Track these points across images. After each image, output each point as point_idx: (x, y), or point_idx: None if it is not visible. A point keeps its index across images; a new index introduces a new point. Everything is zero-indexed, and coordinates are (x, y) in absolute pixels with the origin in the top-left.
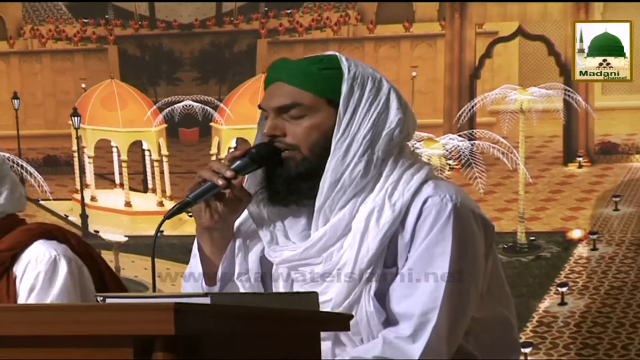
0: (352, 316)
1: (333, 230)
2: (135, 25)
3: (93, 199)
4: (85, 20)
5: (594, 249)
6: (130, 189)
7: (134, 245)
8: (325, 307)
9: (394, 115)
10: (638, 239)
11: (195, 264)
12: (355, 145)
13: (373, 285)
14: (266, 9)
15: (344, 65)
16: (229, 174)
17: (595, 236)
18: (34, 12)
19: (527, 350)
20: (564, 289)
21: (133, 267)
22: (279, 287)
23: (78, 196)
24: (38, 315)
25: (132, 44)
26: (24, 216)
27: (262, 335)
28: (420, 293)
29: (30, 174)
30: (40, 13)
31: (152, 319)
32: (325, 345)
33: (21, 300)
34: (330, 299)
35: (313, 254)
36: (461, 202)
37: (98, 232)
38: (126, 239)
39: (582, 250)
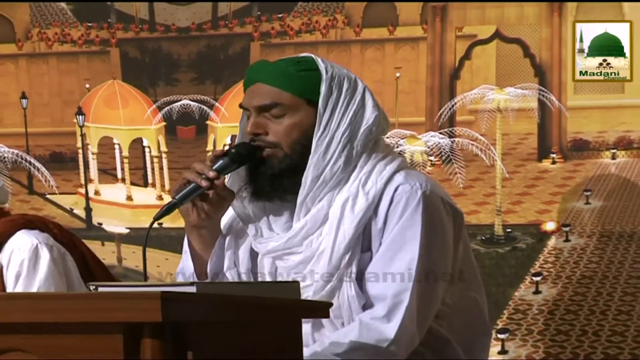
0: (331, 304)
1: (313, 220)
2: (136, 28)
3: (97, 193)
4: (89, 24)
5: (567, 240)
6: (132, 183)
7: (135, 236)
8: (306, 291)
9: (370, 113)
10: (608, 231)
11: (186, 260)
12: (334, 142)
13: (353, 269)
14: (259, 13)
15: (321, 66)
16: (211, 174)
17: (567, 228)
18: (41, 16)
19: (504, 336)
20: (538, 278)
21: (134, 257)
22: (265, 275)
23: (82, 190)
24: (32, 304)
25: (133, 47)
26: (36, 209)
27: (246, 322)
28: (392, 275)
29: (38, 170)
30: (47, 17)
31: (141, 307)
32: (305, 329)
33: (9, 286)
34: (311, 283)
35: (296, 243)
36: (430, 190)
37: (101, 224)
38: (128, 230)
39: (555, 241)
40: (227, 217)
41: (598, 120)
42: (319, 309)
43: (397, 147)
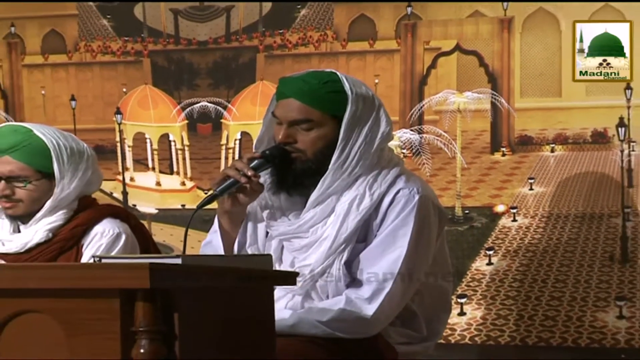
0: (297, 274)
1: (321, 212)
2: (164, 42)
3: (132, 179)
4: (126, 38)
5: (514, 220)
6: (160, 171)
7: (163, 216)
8: (305, 270)
9: (384, 127)
10: (548, 212)
11: (215, 237)
12: (352, 154)
13: (345, 255)
14: (264, 29)
15: (347, 87)
16: (250, 173)
17: (514, 210)
18: (87, 32)
19: (463, 300)
20: (491, 252)
21: (162, 233)
22: (271, 252)
23: (120, 177)
24: (45, 272)
25: (162, 57)
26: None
27: (225, 289)
28: (381, 265)
29: None
30: (91, 32)
31: (133, 275)
32: (296, 299)
33: (83, 261)
34: (310, 263)
35: (304, 229)
36: (425, 195)
37: (135, 205)
38: (157, 211)
39: (505, 221)
40: (250, 205)
41: (540, 119)
42: (288, 278)
43: None
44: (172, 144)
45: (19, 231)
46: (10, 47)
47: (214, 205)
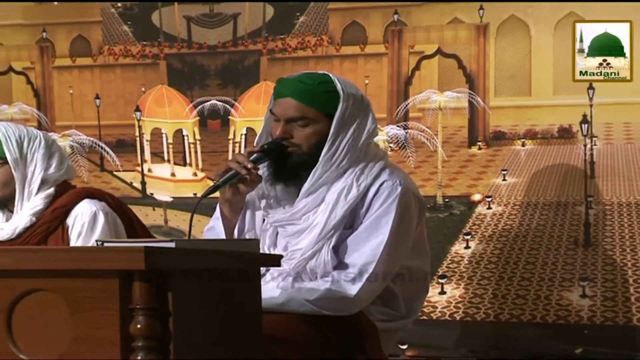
0: (281, 256)
1: (312, 201)
2: (178, 46)
3: (149, 170)
4: (145, 43)
5: (489, 208)
6: (174, 163)
7: (177, 203)
8: (296, 254)
9: (370, 124)
10: (519, 200)
11: (217, 223)
12: (340, 149)
13: (333, 241)
14: (267, 35)
15: (339, 87)
16: (250, 165)
17: (490, 199)
18: (110, 37)
19: (443, 280)
20: (468, 237)
21: (176, 219)
22: (266, 238)
23: (139, 168)
24: (53, 255)
25: (176, 60)
26: (106, 183)
27: (216, 270)
28: (365, 249)
29: (107, 153)
30: (114, 37)
31: (130, 257)
32: (288, 280)
33: (72, 243)
34: (301, 248)
35: (297, 217)
36: (407, 187)
37: (153, 194)
38: (172, 199)
39: (481, 209)
40: (249, 194)
41: (512, 117)
42: (272, 260)
43: None
44: (185, 138)
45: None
46: (42, 51)
47: (218, 194)
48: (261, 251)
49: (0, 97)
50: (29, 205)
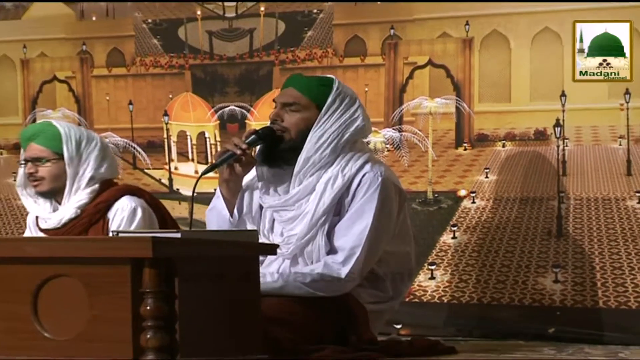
0: (277, 245)
1: (304, 189)
2: (201, 57)
3: (176, 168)
4: (172, 55)
5: (473, 202)
6: (198, 162)
7: (200, 198)
8: (292, 239)
9: (359, 122)
10: (500, 196)
11: (218, 202)
12: (325, 136)
13: (325, 227)
14: (279, 47)
15: (335, 85)
16: (244, 146)
17: (474, 194)
18: (141, 49)
19: (433, 267)
20: (455, 228)
21: (199, 211)
22: (265, 223)
23: (167, 166)
24: (73, 244)
25: (199, 70)
26: (137, 179)
27: (218, 257)
28: (352, 234)
29: (139, 152)
30: (145, 50)
31: (140, 247)
32: (286, 263)
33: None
34: (296, 233)
35: (290, 203)
36: (387, 177)
37: (179, 189)
38: (195, 194)
39: (466, 203)
40: (247, 179)
41: (494, 121)
42: (270, 248)
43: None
44: (207, 140)
45: (58, 209)
46: (82, 62)
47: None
48: (260, 235)
49: (46, 102)
50: (75, 199)
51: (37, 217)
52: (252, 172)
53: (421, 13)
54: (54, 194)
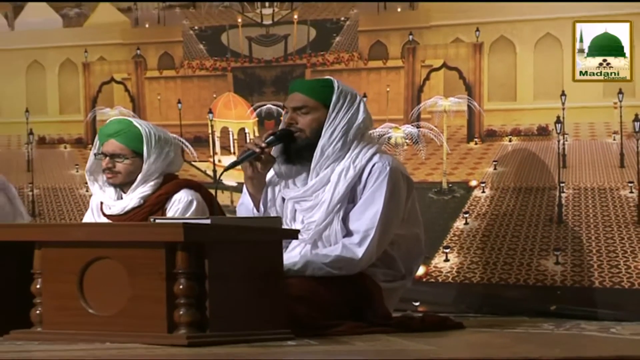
0: (298, 231)
1: (320, 181)
2: (242, 61)
3: (219, 161)
4: (216, 58)
5: (483, 192)
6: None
7: (240, 188)
8: (311, 225)
9: (361, 116)
10: (507, 186)
11: (245, 198)
12: (336, 132)
13: (341, 213)
14: (310, 51)
15: (335, 85)
16: (263, 145)
17: (484, 184)
18: (189, 53)
19: (447, 250)
20: (467, 215)
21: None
22: (287, 214)
23: (212, 159)
24: (116, 230)
25: (240, 72)
26: (185, 170)
27: (245, 241)
28: (365, 218)
29: (187, 147)
30: (192, 54)
31: (173, 232)
32: (307, 247)
33: None
34: (314, 220)
35: (308, 194)
36: (395, 167)
37: (222, 180)
38: (236, 184)
39: (477, 192)
40: (269, 176)
41: (501, 118)
42: (292, 233)
43: (387, 133)
44: (247, 135)
45: (121, 198)
46: (137, 65)
47: None
48: (283, 224)
49: (105, 102)
50: (140, 190)
51: (101, 203)
52: (273, 170)
53: (436, 20)
54: (123, 186)
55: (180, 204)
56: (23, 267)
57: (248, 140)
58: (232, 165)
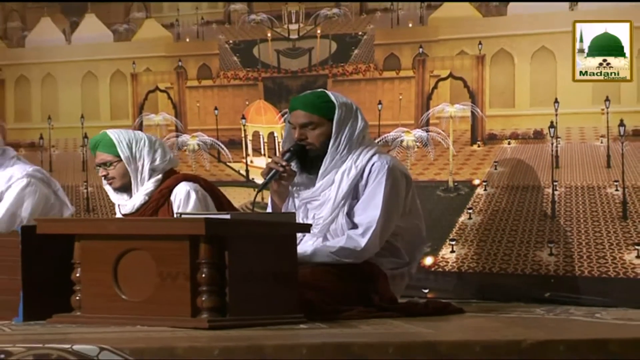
0: (310, 225)
1: (326, 182)
2: (271, 71)
3: (251, 162)
4: (248, 69)
5: (485, 189)
6: (268, 157)
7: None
8: (320, 220)
9: (360, 123)
10: (506, 184)
11: (272, 207)
12: (341, 141)
13: (345, 208)
14: (331, 63)
15: (333, 99)
16: (284, 163)
17: (485, 183)
18: (224, 65)
19: (453, 242)
20: (470, 211)
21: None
22: (300, 213)
23: (244, 160)
24: (145, 224)
25: (269, 81)
26: (221, 170)
27: (262, 234)
28: (367, 212)
29: (222, 149)
30: (227, 65)
31: (195, 226)
32: (318, 240)
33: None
34: (322, 216)
35: (317, 194)
36: (393, 165)
37: (254, 179)
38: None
39: (479, 190)
40: (292, 188)
41: (501, 123)
42: (304, 227)
43: (400, 137)
44: (276, 138)
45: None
46: (178, 75)
47: None
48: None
49: (150, 108)
50: (144, 188)
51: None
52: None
53: (444, 35)
54: (127, 188)
55: (180, 195)
56: (64, 258)
57: (269, 160)
58: (264, 186)
